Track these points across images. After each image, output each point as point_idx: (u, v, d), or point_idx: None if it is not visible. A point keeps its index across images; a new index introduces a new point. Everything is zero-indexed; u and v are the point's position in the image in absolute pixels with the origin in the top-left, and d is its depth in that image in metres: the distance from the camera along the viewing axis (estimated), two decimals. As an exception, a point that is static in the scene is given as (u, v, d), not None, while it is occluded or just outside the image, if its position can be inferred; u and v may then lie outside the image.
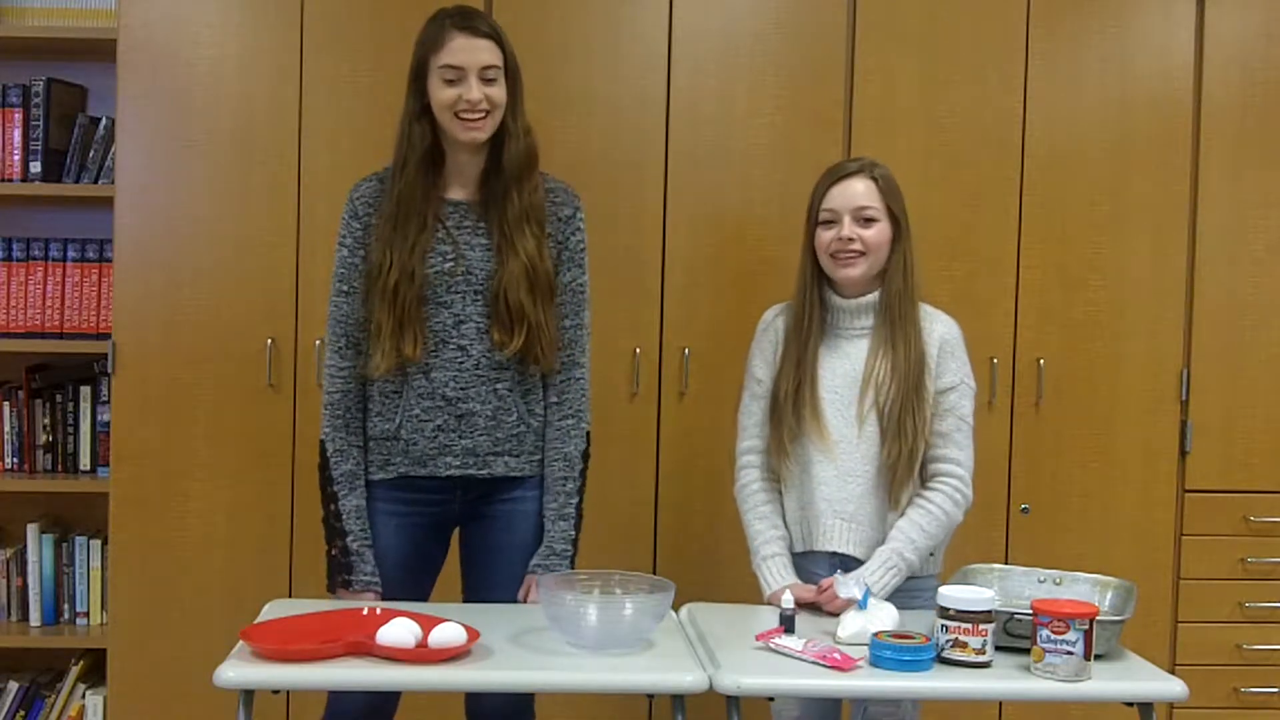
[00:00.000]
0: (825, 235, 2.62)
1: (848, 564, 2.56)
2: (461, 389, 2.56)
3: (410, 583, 2.61)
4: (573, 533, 2.64)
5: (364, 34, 3.30)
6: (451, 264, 2.54)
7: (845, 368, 2.62)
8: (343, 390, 2.59)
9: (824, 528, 2.58)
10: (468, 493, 2.61)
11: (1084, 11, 3.43)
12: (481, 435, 2.57)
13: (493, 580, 2.63)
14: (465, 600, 2.68)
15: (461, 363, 2.55)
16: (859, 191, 2.61)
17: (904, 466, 2.55)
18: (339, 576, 2.55)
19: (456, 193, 2.60)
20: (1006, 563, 3.19)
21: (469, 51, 2.51)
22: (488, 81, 2.51)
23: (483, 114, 2.51)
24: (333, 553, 2.56)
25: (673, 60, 3.37)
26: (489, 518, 2.64)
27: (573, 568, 2.64)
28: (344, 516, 2.56)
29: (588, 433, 2.68)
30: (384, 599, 2.54)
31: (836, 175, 2.64)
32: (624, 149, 3.37)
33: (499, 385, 2.57)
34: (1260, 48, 3.47)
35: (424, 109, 2.55)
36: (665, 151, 3.38)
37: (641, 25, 3.37)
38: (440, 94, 2.51)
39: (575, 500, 2.65)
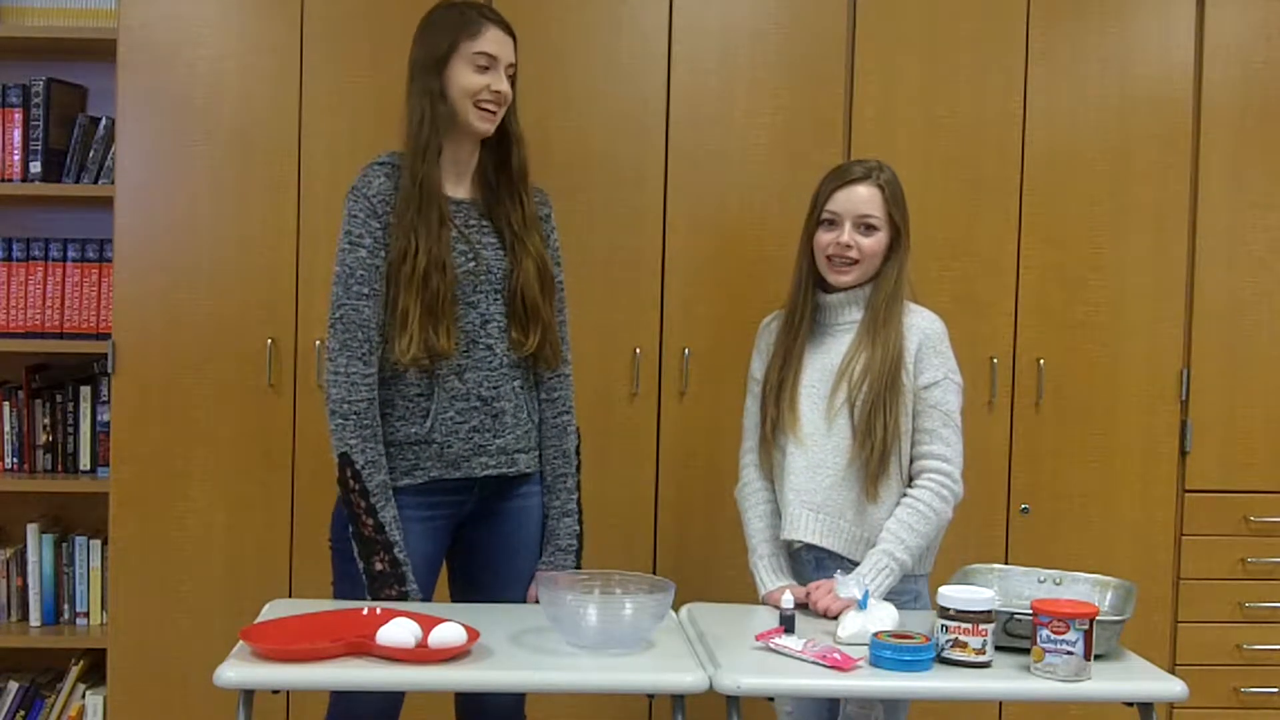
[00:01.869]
0: (825, 237, 2.64)
1: (819, 556, 2.58)
2: (494, 388, 2.55)
3: (426, 586, 2.58)
4: (577, 528, 2.68)
5: (364, 34, 3.30)
6: (473, 264, 2.54)
7: (825, 362, 2.64)
8: (368, 399, 2.49)
9: (791, 517, 2.60)
10: (485, 491, 2.60)
11: (1084, 11, 3.43)
12: (509, 433, 2.58)
13: (505, 577, 2.63)
14: (463, 599, 2.68)
15: (491, 362, 2.55)
16: (864, 198, 2.62)
17: (876, 462, 2.55)
18: (391, 589, 2.45)
19: (456, 190, 2.59)
20: (1006, 563, 3.20)
21: (501, 44, 2.54)
22: (508, 78, 2.55)
23: (498, 107, 2.54)
24: (379, 567, 2.45)
25: (673, 60, 3.37)
26: (498, 515, 2.63)
27: (579, 564, 2.65)
28: (387, 528, 2.46)
29: (578, 428, 2.72)
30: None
31: (844, 179, 2.64)
32: (624, 149, 3.37)
33: (516, 383, 2.59)
34: (1260, 48, 3.47)
35: (440, 93, 2.52)
36: (665, 151, 3.38)
37: (641, 25, 3.37)
38: (469, 79, 2.51)
39: (576, 496, 2.69)
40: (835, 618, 2.40)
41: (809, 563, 2.62)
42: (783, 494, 2.63)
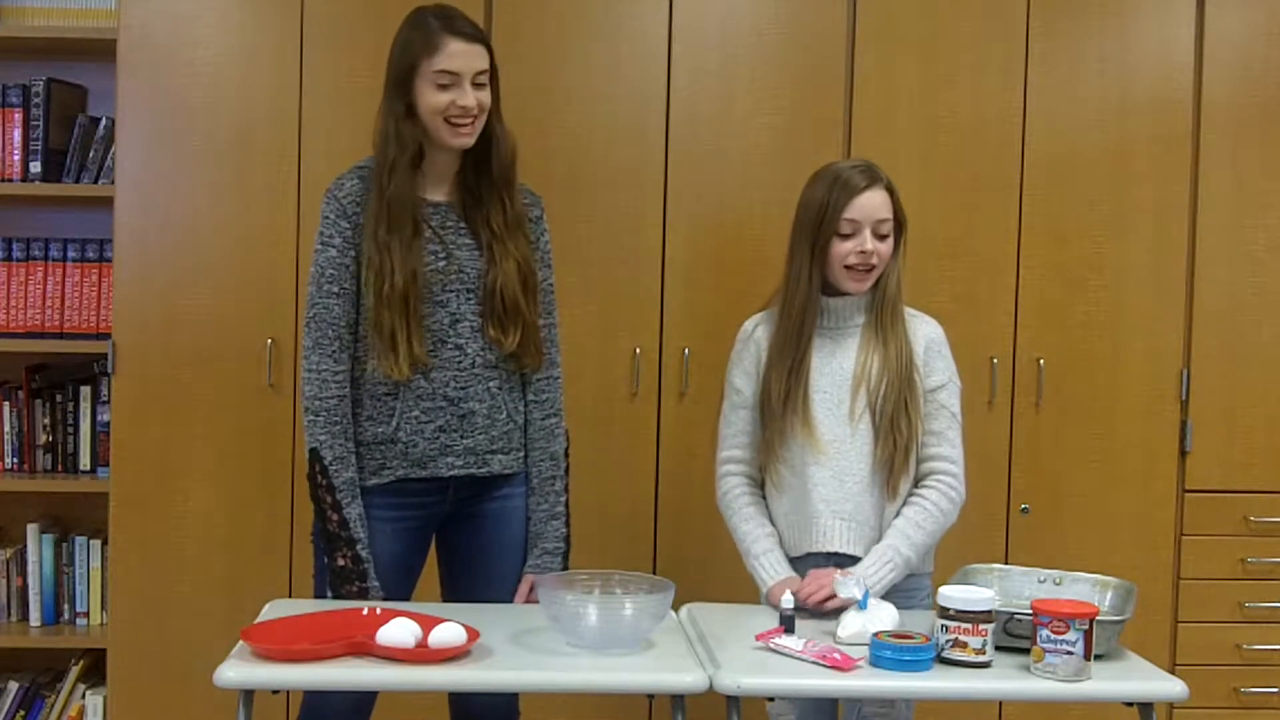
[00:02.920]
0: (845, 246, 2.58)
1: (845, 564, 2.55)
2: (462, 388, 2.55)
3: (400, 587, 2.60)
4: (564, 530, 2.67)
5: (364, 34, 3.30)
6: (444, 262, 2.53)
7: (834, 366, 2.62)
8: (338, 395, 2.53)
9: (822, 528, 2.58)
10: (459, 492, 2.60)
11: (1084, 11, 3.43)
12: (480, 434, 2.57)
13: (488, 578, 2.63)
14: (449, 600, 2.68)
15: (460, 362, 2.55)
16: (879, 204, 2.59)
17: (900, 460, 2.55)
18: (352, 585, 2.49)
19: (435, 193, 2.58)
20: (1006, 563, 3.19)
21: (465, 58, 2.48)
22: (478, 86, 2.50)
23: (472, 119, 2.50)
24: (340, 563, 2.50)
25: (673, 60, 3.37)
26: (478, 517, 2.64)
27: (566, 566, 2.65)
28: (351, 525, 2.50)
29: (567, 431, 2.71)
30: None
31: (856, 187, 2.58)
32: (624, 149, 3.37)
33: (491, 384, 2.58)
34: (1260, 48, 3.47)
35: (409, 109, 2.52)
36: (665, 151, 3.38)
37: (641, 25, 3.37)
38: (432, 99, 2.48)
39: (565, 499, 2.68)
40: (819, 606, 2.41)
41: (826, 567, 2.57)
42: (806, 506, 2.59)
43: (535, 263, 2.63)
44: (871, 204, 2.59)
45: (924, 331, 2.64)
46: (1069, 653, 2.15)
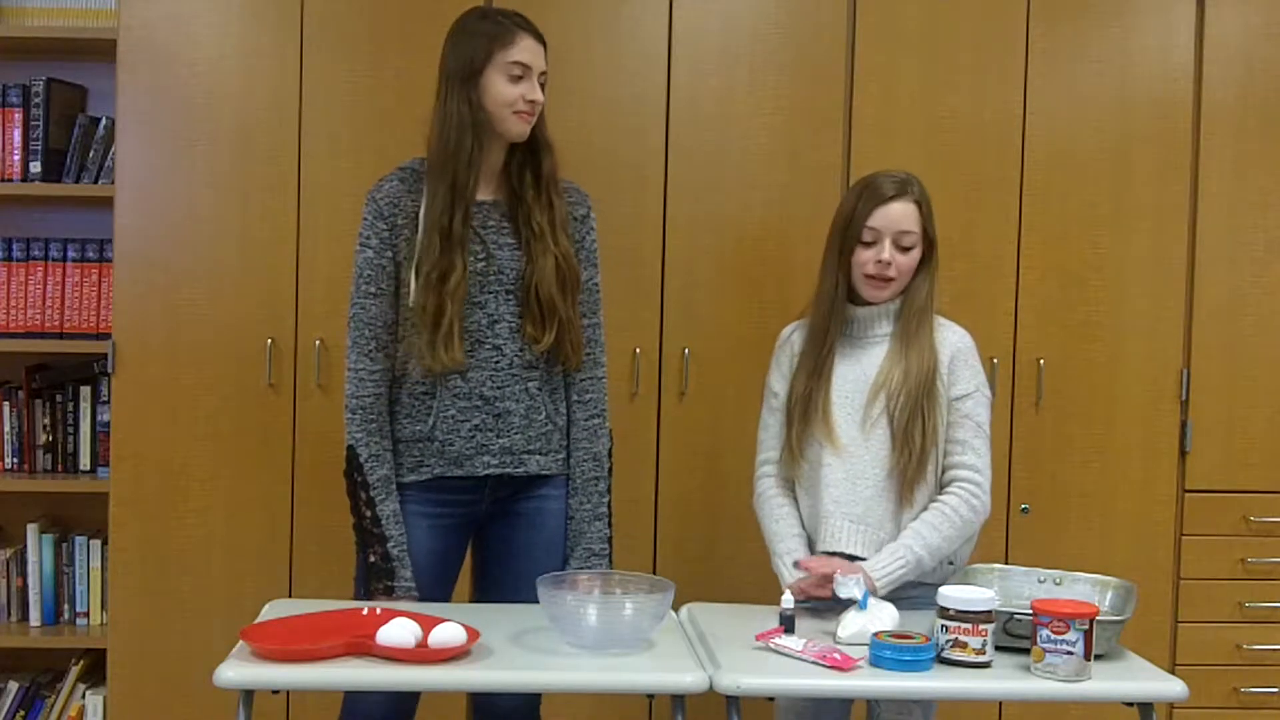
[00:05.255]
0: (865, 254, 2.61)
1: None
2: (498, 388, 2.56)
3: (437, 584, 2.61)
4: (608, 531, 2.67)
5: (364, 34, 3.30)
6: (484, 263, 2.55)
7: (857, 373, 2.63)
8: (374, 394, 2.57)
9: (831, 529, 2.58)
10: (497, 492, 2.62)
11: (1084, 11, 3.43)
12: (517, 434, 2.58)
13: (519, 578, 2.62)
14: (482, 600, 2.69)
15: (497, 362, 2.56)
16: (904, 215, 2.61)
17: (914, 469, 2.55)
18: (381, 583, 2.52)
19: (482, 192, 2.60)
20: (1006, 563, 3.19)
21: (535, 54, 2.56)
22: (540, 85, 2.57)
23: (533, 114, 2.56)
24: (371, 559, 2.53)
25: (673, 60, 3.37)
26: (515, 515, 2.64)
27: (611, 567, 2.65)
28: (383, 522, 2.53)
29: (611, 431, 2.71)
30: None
31: (882, 197, 2.61)
32: (624, 149, 3.37)
33: (530, 384, 2.59)
34: (1260, 48, 3.47)
35: (475, 100, 2.54)
36: (665, 151, 3.38)
37: (641, 25, 3.37)
38: (504, 89, 2.53)
39: (607, 499, 2.68)
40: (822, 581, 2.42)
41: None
42: (819, 506, 2.60)
43: (580, 261, 2.64)
44: (895, 214, 2.61)
45: (951, 341, 2.64)
46: (1069, 653, 2.15)
